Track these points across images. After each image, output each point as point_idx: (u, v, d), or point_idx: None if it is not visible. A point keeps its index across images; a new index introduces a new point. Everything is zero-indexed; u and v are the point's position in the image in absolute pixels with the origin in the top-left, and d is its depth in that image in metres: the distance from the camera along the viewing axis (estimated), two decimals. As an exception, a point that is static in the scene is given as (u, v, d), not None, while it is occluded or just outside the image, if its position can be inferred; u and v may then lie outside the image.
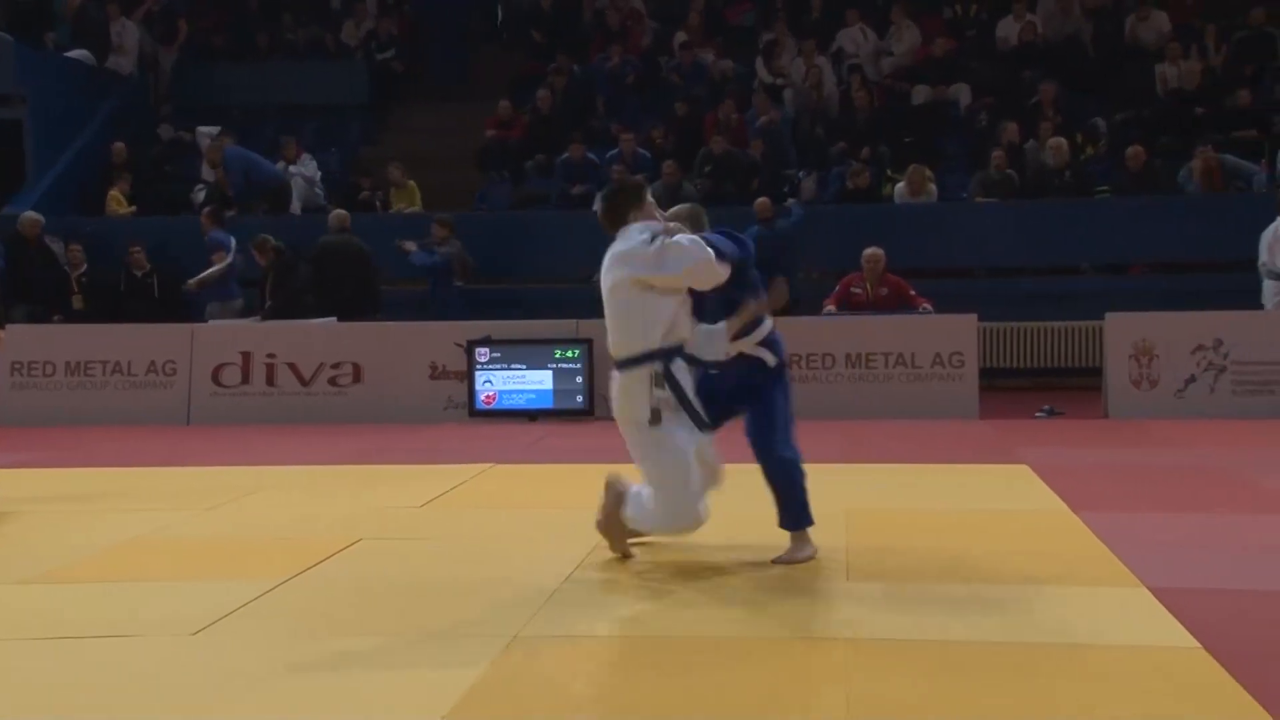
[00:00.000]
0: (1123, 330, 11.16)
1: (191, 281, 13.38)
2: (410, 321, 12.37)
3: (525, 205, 15.31)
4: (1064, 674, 4.04)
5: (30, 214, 13.85)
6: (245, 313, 13.26)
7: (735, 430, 5.64)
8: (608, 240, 5.43)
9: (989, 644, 4.37)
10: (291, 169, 15.40)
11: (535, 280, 14.61)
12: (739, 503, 5.76)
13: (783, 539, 5.56)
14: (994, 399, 11.55)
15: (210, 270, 13.28)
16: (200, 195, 15.29)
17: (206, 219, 13.69)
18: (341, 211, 13.52)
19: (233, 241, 13.35)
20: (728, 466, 5.68)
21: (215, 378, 11.79)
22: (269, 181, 15.15)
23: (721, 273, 5.18)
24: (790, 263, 13.22)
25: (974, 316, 11.44)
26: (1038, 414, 11.18)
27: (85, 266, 13.70)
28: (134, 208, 15.42)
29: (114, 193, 15.34)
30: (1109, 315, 11.32)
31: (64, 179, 15.79)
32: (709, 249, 5.16)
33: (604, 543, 5.66)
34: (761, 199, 13.24)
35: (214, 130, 15.80)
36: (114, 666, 4.26)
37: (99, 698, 3.97)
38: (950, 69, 16.10)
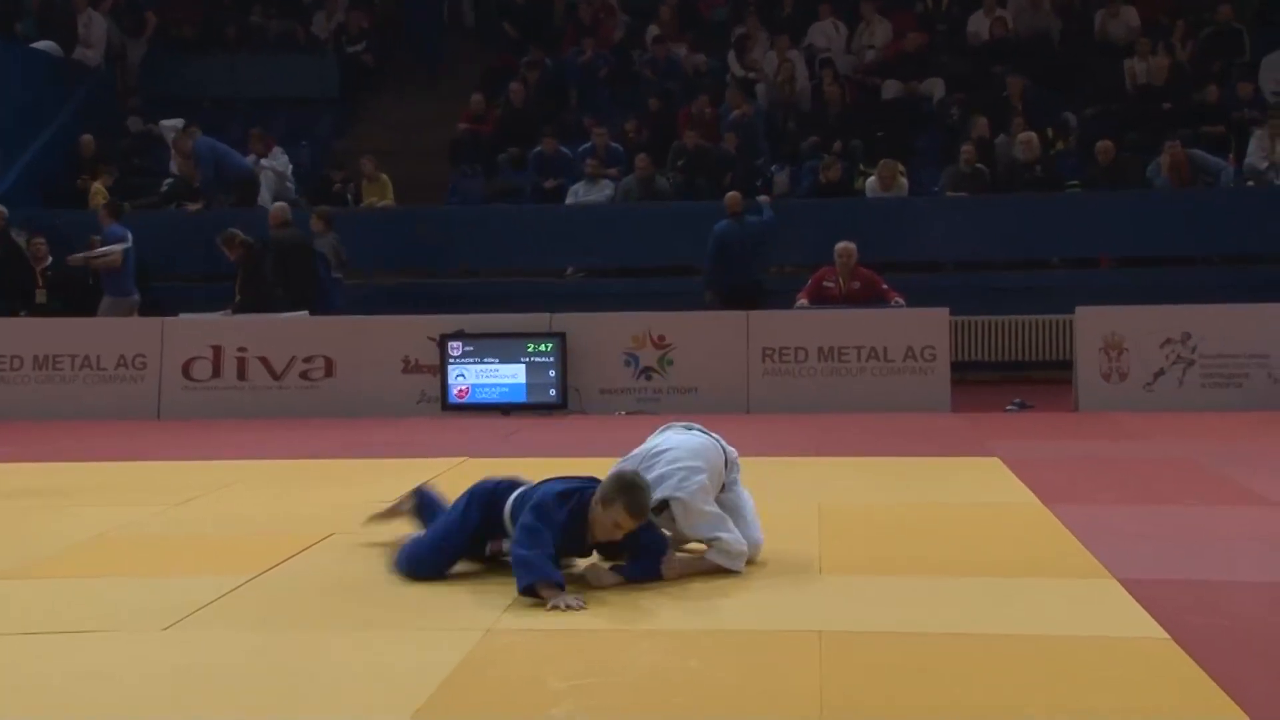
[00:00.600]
0: (1092, 324, 11.24)
1: (79, 255, 13.12)
2: (383, 315, 12.32)
3: (498, 199, 15.27)
4: (1034, 665, 4.06)
5: (-4, 207, 13.73)
6: (138, 311, 13.01)
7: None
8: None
9: (960, 636, 4.39)
10: (262, 162, 15.29)
11: (508, 274, 14.59)
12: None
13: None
14: (965, 392, 11.61)
15: (101, 249, 13.04)
16: (168, 188, 15.17)
17: (104, 213, 13.41)
18: (282, 204, 13.40)
19: (130, 236, 13.18)
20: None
21: (186, 372, 11.72)
22: (239, 174, 15.05)
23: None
24: (761, 260, 13.26)
25: (945, 310, 11.49)
26: (1009, 407, 11.25)
27: (49, 260, 13.56)
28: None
29: (97, 185, 15.15)
30: (1079, 309, 11.39)
31: (30, 171, 15.65)
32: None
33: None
34: (731, 193, 13.22)
35: (178, 123, 15.65)
36: (84, 662, 4.23)
37: (68, 694, 3.94)
38: (921, 64, 16.16)
